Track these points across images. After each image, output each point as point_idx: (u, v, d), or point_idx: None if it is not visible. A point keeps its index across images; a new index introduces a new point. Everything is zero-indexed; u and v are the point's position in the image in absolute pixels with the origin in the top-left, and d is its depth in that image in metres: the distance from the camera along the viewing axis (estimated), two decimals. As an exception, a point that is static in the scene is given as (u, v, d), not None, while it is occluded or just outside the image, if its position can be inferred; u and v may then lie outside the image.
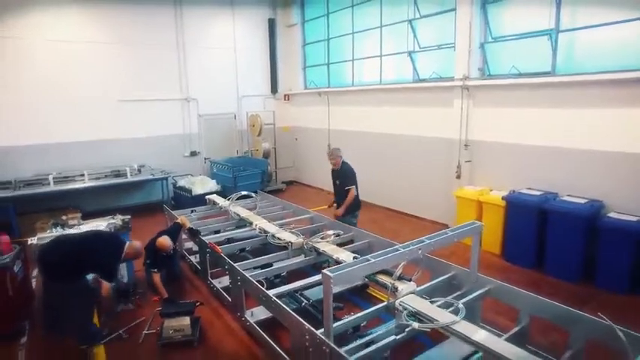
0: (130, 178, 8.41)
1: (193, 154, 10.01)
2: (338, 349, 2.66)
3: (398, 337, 2.99)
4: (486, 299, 3.70)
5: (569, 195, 5.39)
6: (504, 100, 6.27)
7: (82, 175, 8.11)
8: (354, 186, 5.60)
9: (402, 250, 3.14)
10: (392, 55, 8.40)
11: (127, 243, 3.88)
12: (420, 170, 7.71)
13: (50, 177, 7.76)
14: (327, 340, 2.75)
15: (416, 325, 2.92)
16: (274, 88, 11.18)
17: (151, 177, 8.69)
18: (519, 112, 6.11)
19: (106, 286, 4.07)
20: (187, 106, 9.84)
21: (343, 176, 5.67)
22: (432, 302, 3.20)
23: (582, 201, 5.14)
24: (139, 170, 8.84)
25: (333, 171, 5.90)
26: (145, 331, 4.18)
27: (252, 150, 10.66)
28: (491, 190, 6.26)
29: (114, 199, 8.58)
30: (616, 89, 5.02)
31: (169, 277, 5.16)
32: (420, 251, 3.20)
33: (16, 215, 7.21)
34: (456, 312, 3.01)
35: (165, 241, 4.75)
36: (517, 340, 3.02)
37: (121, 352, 3.85)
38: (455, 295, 3.50)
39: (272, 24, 10.78)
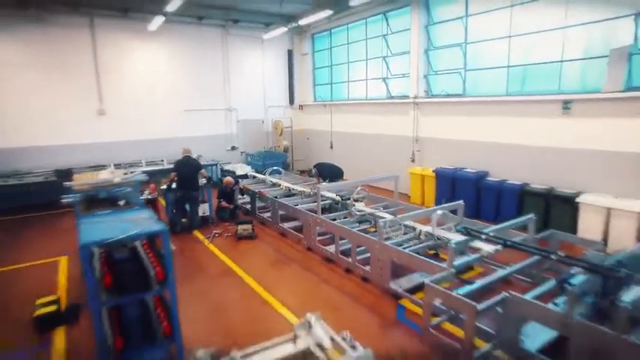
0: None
1: (233, 148, 13.86)
2: (323, 217, 6.37)
3: (351, 219, 6.68)
4: (401, 211, 7.31)
5: (471, 168, 8.98)
6: (439, 111, 9.90)
7: (162, 160, 12.04)
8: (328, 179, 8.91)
9: (352, 181, 6.83)
10: (373, 80, 12.12)
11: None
12: (390, 157, 11.31)
13: (143, 161, 11.71)
14: (321, 217, 6.46)
15: (359, 212, 6.61)
16: (292, 101, 15.01)
17: (206, 163, 12.52)
18: (447, 118, 9.73)
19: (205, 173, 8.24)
20: (229, 114, 13.72)
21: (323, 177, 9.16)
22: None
23: (473, 171, 8.74)
24: (197, 158, 12.71)
25: None
26: (225, 234, 7.94)
27: (275, 146, 14.43)
28: (430, 168, 9.86)
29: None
30: (497, 106, 8.61)
31: (232, 216, 8.93)
32: (361, 183, 6.88)
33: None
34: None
35: (229, 178, 8.61)
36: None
37: (218, 241, 7.61)
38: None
39: (290, 54, 14.64)
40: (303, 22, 11.91)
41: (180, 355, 3.41)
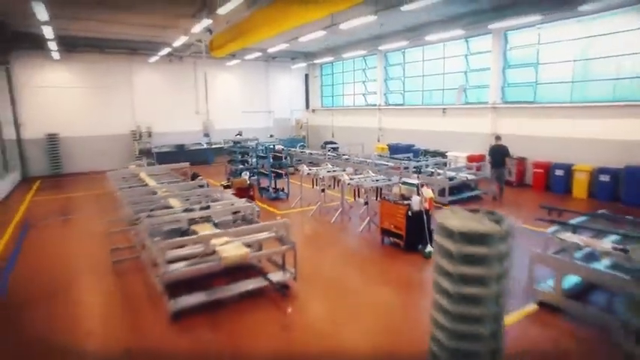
0: (251, 143, 20.42)
1: (271, 136, 21.93)
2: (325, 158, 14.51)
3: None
4: (365, 161, 15.39)
5: (405, 143, 17.06)
6: (391, 114, 18.01)
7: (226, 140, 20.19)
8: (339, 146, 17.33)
9: (334, 145, 14.92)
10: (357, 94, 20.27)
11: None
12: (366, 139, 19.34)
13: (222, 140, 19.85)
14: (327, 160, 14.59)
15: (345, 158, 14.77)
16: (307, 106, 23.19)
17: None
18: (395, 118, 17.83)
19: None
20: (269, 114, 21.89)
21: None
22: (349, 157, 15.01)
23: (406, 143, 16.85)
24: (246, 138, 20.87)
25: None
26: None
27: (296, 135, 22.52)
28: (386, 144, 17.91)
29: (242, 153, 20.60)
30: (417, 111, 16.72)
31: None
32: (346, 147, 14.98)
33: (213, 157, 19.22)
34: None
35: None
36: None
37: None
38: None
39: (307, 76, 22.85)
40: (316, 61, 20.14)
41: (287, 181, 11.53)
